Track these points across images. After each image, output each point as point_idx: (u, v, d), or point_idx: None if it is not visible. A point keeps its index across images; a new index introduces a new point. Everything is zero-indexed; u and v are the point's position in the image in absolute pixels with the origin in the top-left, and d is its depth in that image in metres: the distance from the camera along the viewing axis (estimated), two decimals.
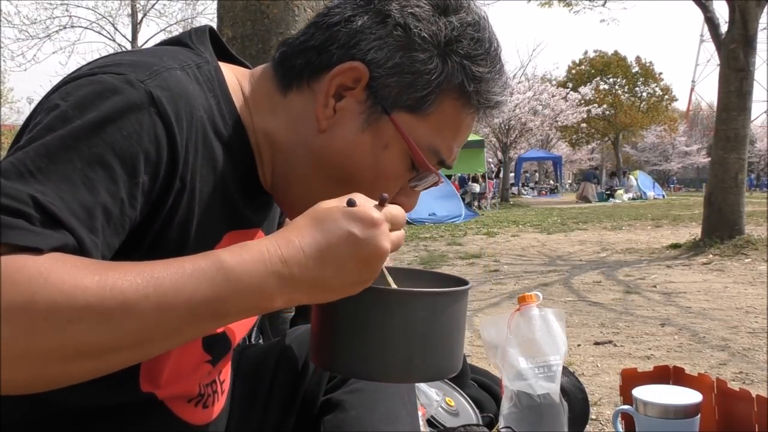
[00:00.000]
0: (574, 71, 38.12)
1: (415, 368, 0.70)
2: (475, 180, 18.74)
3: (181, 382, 0.81)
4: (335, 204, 0.64)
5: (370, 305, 0.69)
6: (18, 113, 28.56)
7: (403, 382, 0.92)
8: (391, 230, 0.65)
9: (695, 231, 7.47)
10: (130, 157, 0.63)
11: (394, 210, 0.66)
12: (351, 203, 0.64)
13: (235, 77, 0.78)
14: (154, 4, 18.88)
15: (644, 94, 37.84)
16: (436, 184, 0.80)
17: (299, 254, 0.61)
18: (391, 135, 0.74)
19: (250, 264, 0.60)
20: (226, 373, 0.94)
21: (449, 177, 17.59)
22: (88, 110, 0.62)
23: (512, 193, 25.37)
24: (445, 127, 0.76)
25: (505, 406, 1.35)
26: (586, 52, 39.52)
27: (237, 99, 0.76)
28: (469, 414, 1.67)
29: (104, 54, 0.80)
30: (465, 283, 0.76)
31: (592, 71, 36.41)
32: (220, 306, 0.59)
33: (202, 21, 19.58)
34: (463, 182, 19.27)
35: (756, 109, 58.36)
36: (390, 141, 0.74)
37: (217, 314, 0.60)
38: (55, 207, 0.58)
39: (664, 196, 24.61)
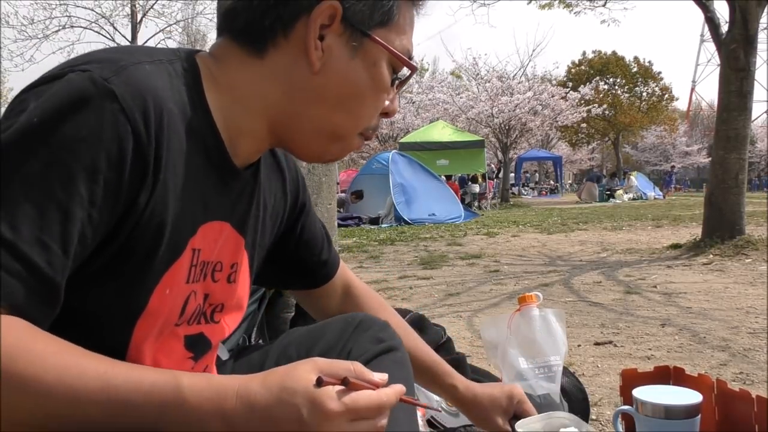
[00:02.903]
0: (573, 71, 38.12)
1: None
2: (475, 180, 18.73)
3: None
4: (307, 375, 0.65)
5: None
6: None
7: None
8: (354, 420, 0.65)
9: (695, 231, 7.46)
10: (91, 158, 0.65)
11: (362, 400, 0.66)
12: (319, 382, 0.64)
13: (204, 64, 0.81)
14: (153, 4, 18.83)
15: (644, 93, 37.82)
16: (413, 73, 0.87)
17: (249, 414, 0.64)
18: (375, 52, 0.81)
19: (205, 402, 0.64)
20: (211, 368, 0.94)
21: (449, 177, 17.59)
22: (51, 114, 0.64)
23: (512, 194, 25.37)
24: (407, 27, 0.85)
25: None
26: (584, 53, 39.48)
27: (208, 85, 0.79)
28: None
29: None
30: None
31: (592, 71, 36.40)
32: (162, 427, 0.63)
33: (202, 21, 19.61)
34: (463, 182, 19.26)
35: (756, 109, 58.38)
36: (376, 57, 0.82)
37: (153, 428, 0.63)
38: (12, 237, 0.60)
39: (663, 197, 24.63)
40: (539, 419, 1.11)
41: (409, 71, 0.85)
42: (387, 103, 0.87)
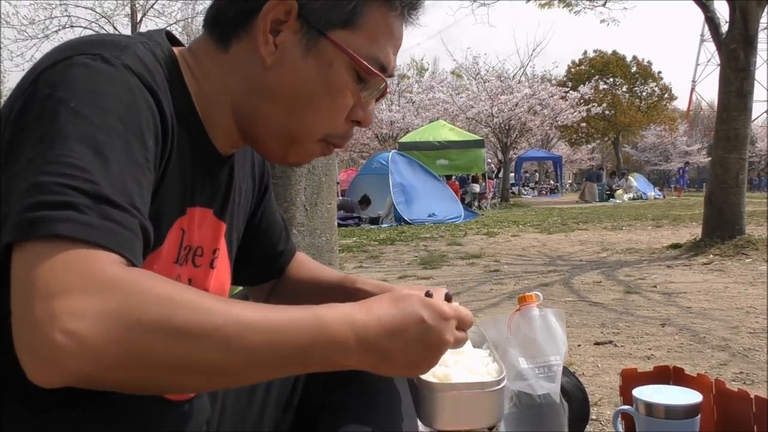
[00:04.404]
0: (573, 70, 38.09)
1: None
2: (475, 180, 18.72)
3: None
4: (415, 292, 0.73)
5: None
6: None
7: None
8: (456, 328, 0.73)
9: (696, 231, 7.46)
10: (138, 126, 0.66)
11: (463, 311, 0.75)
12: (428, 294, 0.75)
13: (181, 55, 0.82)
14: (153, 4, 18.81)
15: (644, 93, 37.78)
16: (385, 90, 0.84)
17: (377, 324, 0.68)
18: (332, 53, 0.78)
19: (339, 320, 0.66)
20: None
21: (449, 177, 17.58)
22: (84, 92, 0.64)
23: (512, 193, 25.36)
24: (379, 35, 0.80)
25: (506, 406, 1.35)
26: (585, 53, 39.43)
27: (186, 74, 0.80)
28: None
29: None
30: None
31: (592, 71, 36.37)
32: (309, 354, 0.64)
33: (202, 21, 19.53)
34: (463, 182, 19.24)
35: (756, 109, 58.27)
36: (332, 58, 0.78)
37: (303, 362, 0.64)
38: (115, 196, 0.61)
39: (663, 197, 24.62)
40: None
41: (374, 82, 0.81)
42: (361, 112, 0.83)
